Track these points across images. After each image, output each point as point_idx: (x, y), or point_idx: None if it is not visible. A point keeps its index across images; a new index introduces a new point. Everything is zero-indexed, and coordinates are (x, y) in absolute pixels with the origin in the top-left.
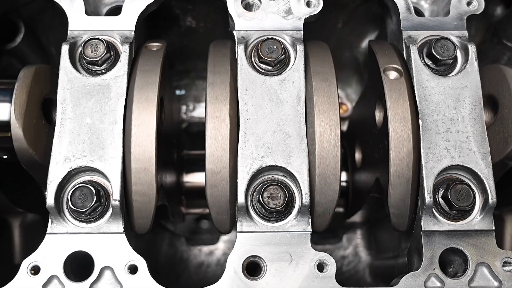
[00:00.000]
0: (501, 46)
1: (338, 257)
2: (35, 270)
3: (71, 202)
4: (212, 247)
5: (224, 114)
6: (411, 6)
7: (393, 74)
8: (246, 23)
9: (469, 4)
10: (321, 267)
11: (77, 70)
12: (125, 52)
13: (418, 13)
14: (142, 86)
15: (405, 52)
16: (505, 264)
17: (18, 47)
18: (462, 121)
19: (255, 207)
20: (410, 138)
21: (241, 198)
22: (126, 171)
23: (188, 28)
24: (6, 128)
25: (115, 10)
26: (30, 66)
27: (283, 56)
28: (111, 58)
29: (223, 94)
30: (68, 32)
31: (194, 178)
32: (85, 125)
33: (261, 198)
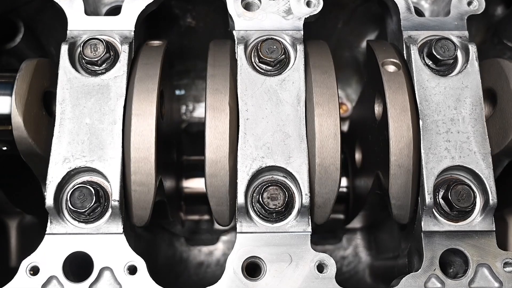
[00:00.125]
0: (501, 46)
1: (338, 257)
2: (34, 270)
3: (71, 202)
4: (211, 248)
5: (224, 104)
6: (412, 6)
7: (391, 68)
8: (246, 23)
9: (469, 4)
10: (321, 268)
11: (76, 70)
12: (124, 52)
13: (419, 13)
14: (142, 78)
15: (405, 52)
16: (505, 265)
17: (18, 47)
18: (462, 121)
19: (255, 208)
20: (409, 128)
21: (240, 199)
22: (125, 161)
23: (187, 28)
24: (7, 120)
25: (115, 10)
26: (31, 59)
27: (283, 56)
28: (111, 58)
29: (223, 86)
30: (67, 32)
31: (193, 184)
32: (84, 125)
33: (261, 199)
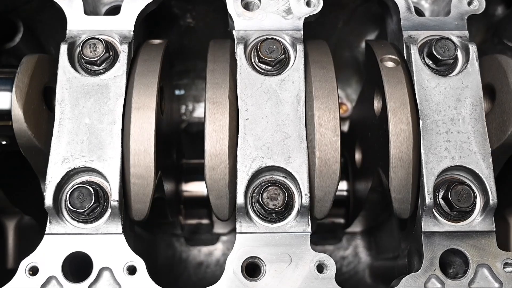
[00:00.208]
0: (501, 46)
1: (337, 258)
2: (34, 271)
3: (70, 202)
4: (211, 248)
5: (223, 97)
6: (412, 5)
7: (390, 64)
8: (245, 23)
9: (469, 4)
10: (320, 268)
11: (75, 70)
12: (124, 52)
13: (419, 12)
14: (142, 73)
15: (405, 52)
16: (505, 265)
17: (17, 47)
18: (462, 121)
19: (255, 208)
20: (409, 121)
21: (240, 199)
22: (124, 154)
23: (187, 27)
24: (7, 115)
25: (114, 10)
26: (32, 54)
27: (283, 56)
28: (110, 58)
29: (223, 80)
30: (66, 31)
31: (193, 187)
32: (83, 125)
33: (260, 199)
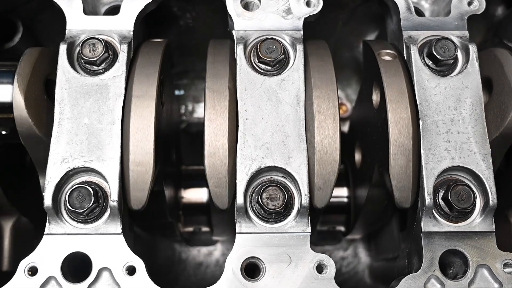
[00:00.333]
0: (502, 46)
1: (337, 258)
2: (33, 271)
3: (69, 202)
4: (211, 248)
5: (223, 87)
6: (412, 6)
7: (387, 57)
8: (245, 23)
9: (470, 4)
10: (320, 269)
11: (75, 70)
12: (123, 52)
13: (419, 13)
14: (143, 64)
15: (405, 52)
16: (505, 266)
17: (17, 47)
18: (462, 121)
19: (254, 208)
20: (407, 109)
21: (240, 199)
22: (124, 141)
23: (187, 27)
24: (9, 106)
25: (114, 10)
26: (35, 47)
27: (283, 56)
28: (110, 58)
29: (223, 71)
30: (66, 31)
31: (192, 194)
32: (83, 125)
33: (260, 199)
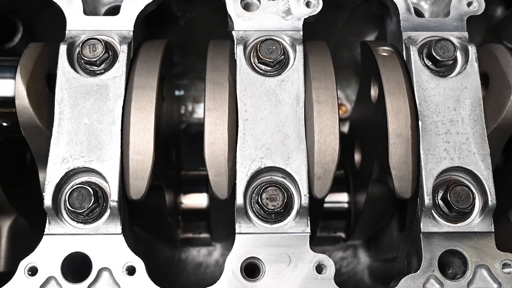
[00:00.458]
0: None
1: (337, 258)
2: (33, 271)
3: (69, 203)
4: (210, 248)
5: (223, 78)
6: (411, 6)
7: (384, 53)
8: (245, 24)
9: (469, 5)
10: (319, 269)
11: (75, 70)
12: (123, 52)
13: (418, 13)
14: (145, 59)
15: (405, 53)
16: (504, 266)
17: (16, 47)
18: (462, 122)
19: (254, 209)
20: (406, 100)
21: (239, 199)
22: (124, 132)
23: (187, 28)
24: (11, 103)
25: (114, 10)
26: (38, 42)
27: (282, 56)
28: (110, 58)
29: (223, 64)
30: (66, 32)
31: (191, 199)
32: (83, 125)
33: (259, 200)
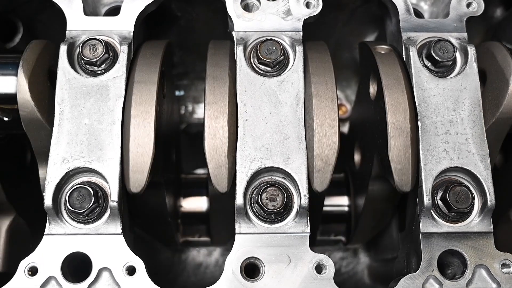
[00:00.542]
0: None
1: (336, 258)
2: (33, 271)
3: (69, 203)
4: (210, 248)
5: (223, 73)
6: (411, 7)
7: (382, 52)
8: (245, 24)
9: (468, 5)
10: (319, 269)
11: (75, 70)
12: (123, 52)
13: (418, 14)
14: (146, 55)
15: (404, 53)
16: (503, 266)
17: (17, 47)
18: (461, 123)
19: (254, 209)
20: (404, 94)
21: (239, 200)
22: (125, 125)
23: (187, 28)
24: (13, 100)
25: (114, 11)
26: (40, 39)
27: (282, 57)
28: (110, 59)
29: (223, 60)
30: (66, 32)
31: (191, 203)
32: (83, 125)
33: (259, 200)
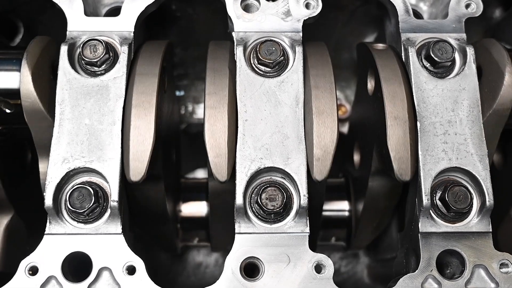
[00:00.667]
0: None
1: (336, 258)
2: (33, 270)
3: (70, 203)
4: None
5: (223, 66)
6: (410, 8)
7: (379, 48)
8: (245, 25)
9: (467, 6)
10: (318, 269)
11: (76, 71)
12: (124, 53)
13: (417, 15)
14: (147, 52)
15: (403, 54)
16: (502, 266)
17: (17, 47)
18: (460, 123)
19: (253, 209)
20: (401, 85)
21: (239, 200)
22: (126, 115)
23: (187, 29)
24: (16, 96)
25: (115, 11)
26: (44, 36)
27: (282, 57)
28: (110, 59)
29: (224, 55)
30: (67, 32)
31: (190, 207)
32: (83, 126)
33: (259, 200)
